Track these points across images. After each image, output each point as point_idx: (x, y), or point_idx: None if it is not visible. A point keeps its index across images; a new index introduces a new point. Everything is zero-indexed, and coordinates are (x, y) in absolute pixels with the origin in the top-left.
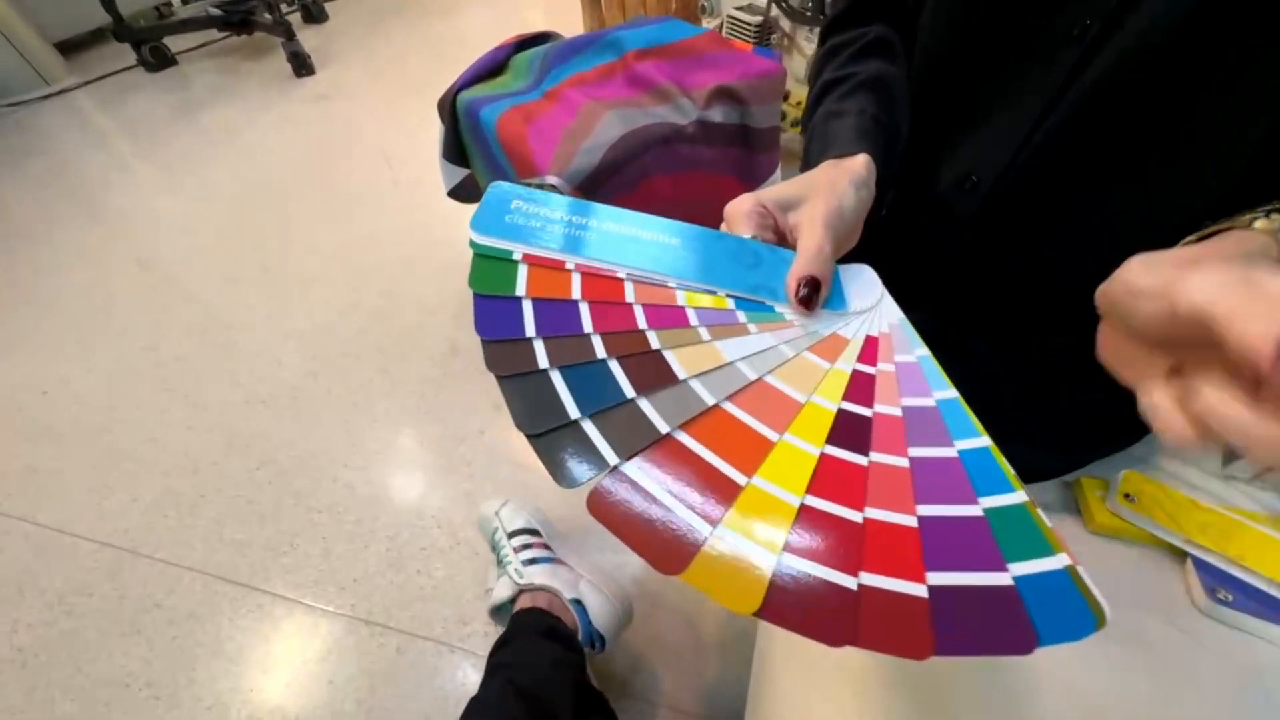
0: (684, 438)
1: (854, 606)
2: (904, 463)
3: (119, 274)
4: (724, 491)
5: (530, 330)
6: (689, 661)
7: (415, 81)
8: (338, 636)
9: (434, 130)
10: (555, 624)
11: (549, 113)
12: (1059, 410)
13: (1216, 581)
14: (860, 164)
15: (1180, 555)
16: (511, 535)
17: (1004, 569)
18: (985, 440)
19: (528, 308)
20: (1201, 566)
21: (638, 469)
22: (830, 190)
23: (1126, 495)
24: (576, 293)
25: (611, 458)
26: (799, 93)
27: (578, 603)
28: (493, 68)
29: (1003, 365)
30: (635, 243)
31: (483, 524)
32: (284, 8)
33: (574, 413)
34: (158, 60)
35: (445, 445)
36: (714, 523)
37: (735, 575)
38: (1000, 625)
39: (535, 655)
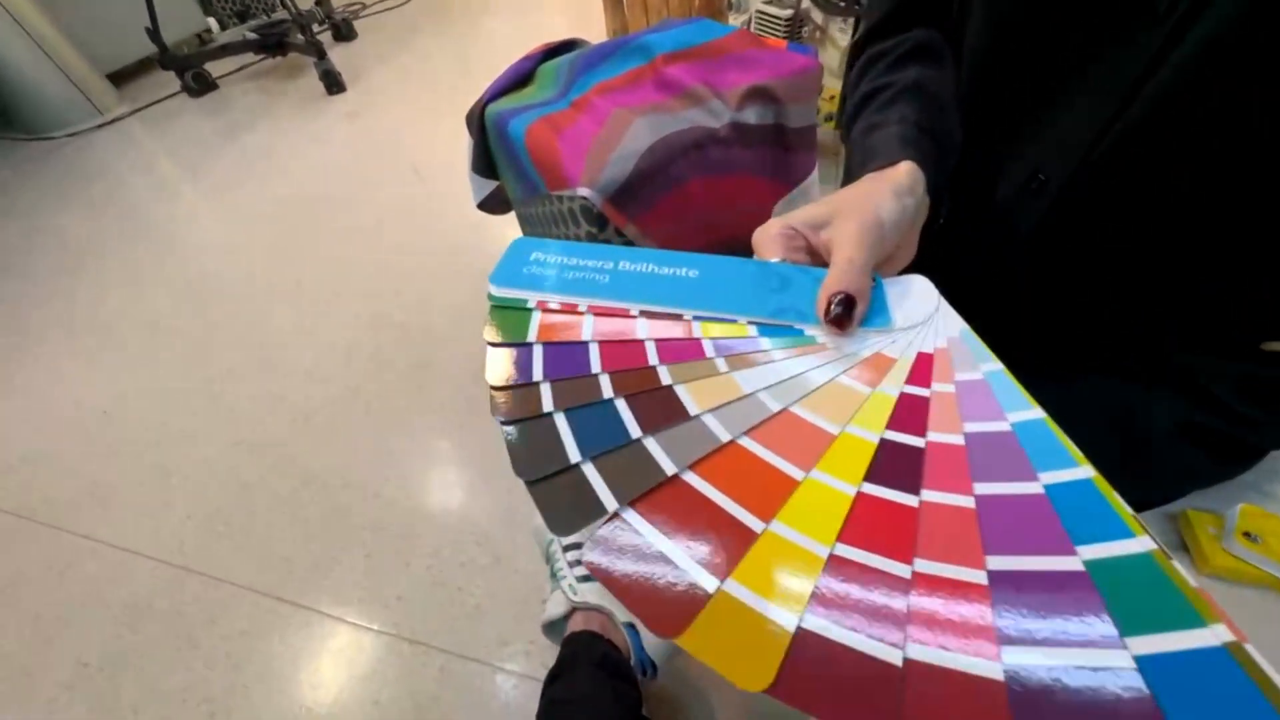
0: (693, 479)
1: (897, 685)
2: (968, 502)
3: (167, 293)
4: (736, 540)
5: (538, 374)
6: None
7: (442, 93)
8: (381, 655)
9: (462, 141)
10: (609, 651)
11: (577, 122)
12: (1152, 432)
13: None
14: (902, 172)
15: None
16: (567, 549)
17: (1119, 645)
18: (1086, 471)
19: (538, 352)
20: None
21: (638, 516)
22: (867, 201)
23: (1246, 534)
24: (588, 334)
25: (611, 503)
26: (833, 86)
27: (631, 626)
28: (520, 78)
29: (1083, 383)
30: (651, 280)
31: (536, 534)
32: (315, 28)
33: (574, 456)
34: (200, 85)
35: (483, 460)
36: (722, 577)
37: (745, 641)
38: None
39: (590, 690)
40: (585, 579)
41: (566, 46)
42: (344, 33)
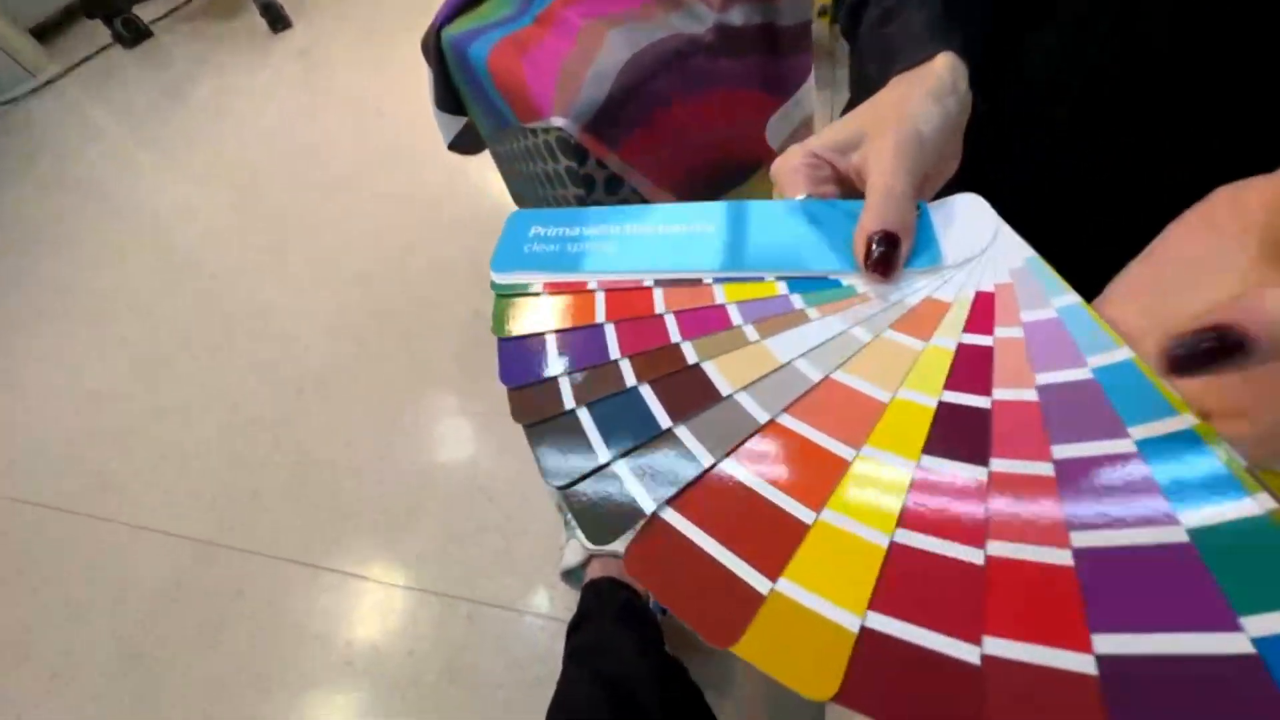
0: (732, 468)
1: (976, 686)
2: (1046, 470)
3: (140, 267)
4: (787, 534)
5: (554, 368)
6: None
7: (397, 20)
8: (410, 609)
9: (424, 74)
10: (629, 597)
11: (545, 41)
12: None
13: None
14: (940, 67)
15: None
16: None
17: (1233, 625)
18: (1187, 420)
19: (550, 342)
20: None
21: (678, 515)
22: (900, 111)
23: None
24: (601, 315)
25: (648, 505)
26: None
27: None
28: None
29: None
30: (663, 241)
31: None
32: None
33: (603, 455)
34: (132, 34)
35: (486, 415)
36: (774, 577)
37: (805, 645)
38: (1235, 710)
39: (614, 638)
40: None
41: None
42: None
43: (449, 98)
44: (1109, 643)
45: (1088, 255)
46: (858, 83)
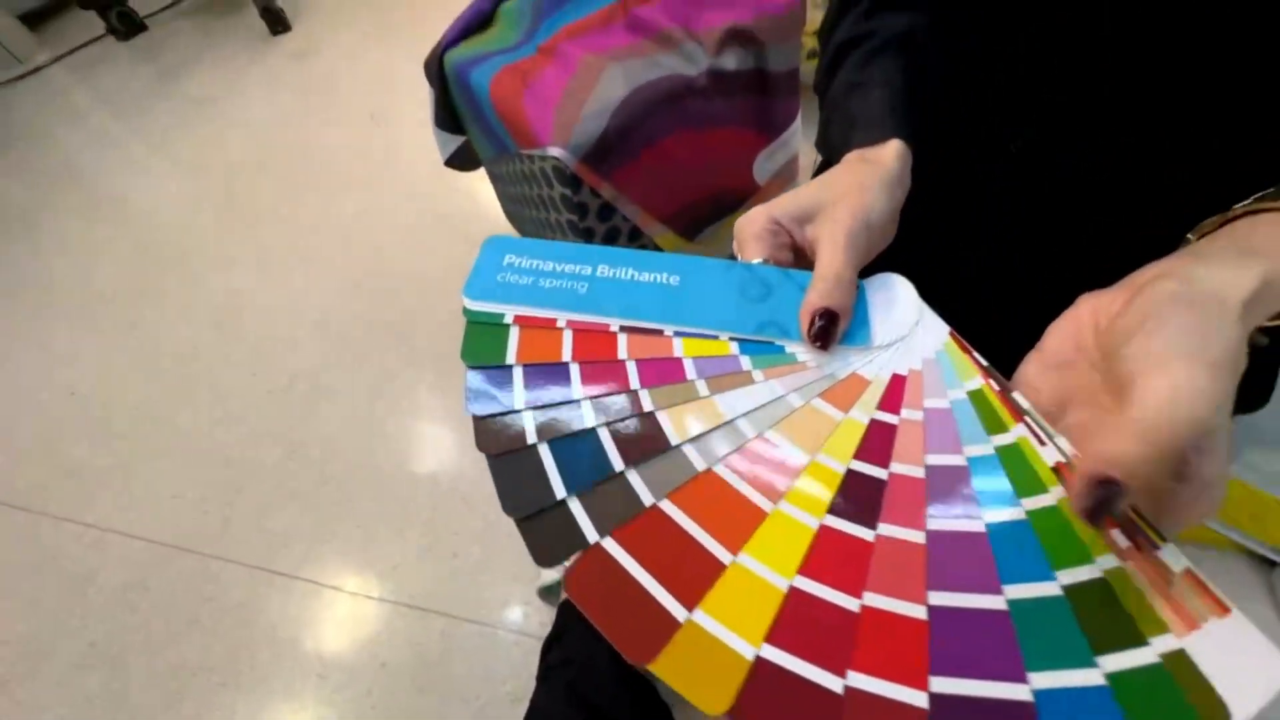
0: (668, 508)
1: (837, 711)
2: (919, 537)
3: (116, 261)
4: (706, 571)
5: (519, 401)
6: None
7: (396, 29)
8: (386, 620)
9: (422, 83)
10: None
11: (546, 72)
12: None
13: None
14: (891, 155)
15: (1266, 565)
16: None
17: (1022, 678)
18: (1022, 510)
19: (517, 375)
20: None
21: (616, 545)
22: (854, 196)
23: None
24: (567, 353)
25: (592, 535)
26: (817, 19)
27: None
28: (480, 20)
29: None
30: (631, 288)
31: None
32: None
33: (560, 492)
34: (126, 26)
35: (467, 423)
36: (691, 607)
37: (708, 668)
38: None
39: (590, 656)
40: None
41: None
42: None
43: (448, 118)
44: (940, 684)
45: (1086, 253)
46: (822, 133)
